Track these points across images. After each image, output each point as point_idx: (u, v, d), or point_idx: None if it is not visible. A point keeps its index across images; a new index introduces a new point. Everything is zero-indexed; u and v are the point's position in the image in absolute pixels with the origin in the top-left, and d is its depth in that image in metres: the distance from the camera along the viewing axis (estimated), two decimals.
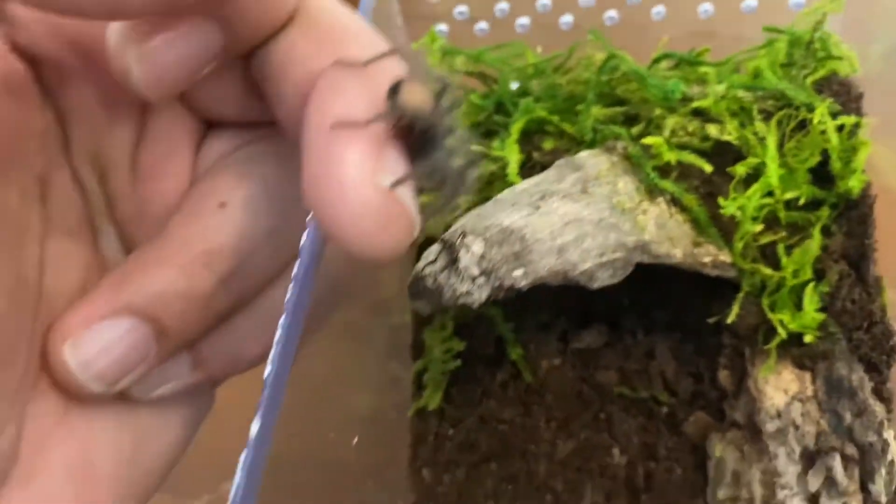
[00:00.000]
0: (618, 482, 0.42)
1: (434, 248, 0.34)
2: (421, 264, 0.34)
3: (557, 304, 0.48)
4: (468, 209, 0.36)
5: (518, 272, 0.32)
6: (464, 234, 0.32)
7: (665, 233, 0.39)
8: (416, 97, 0.26)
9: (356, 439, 0.40)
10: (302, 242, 0.22)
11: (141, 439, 0.22)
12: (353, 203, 0.17)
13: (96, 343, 0.19)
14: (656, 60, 0.46)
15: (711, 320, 0.42)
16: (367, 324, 0.44)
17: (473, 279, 0.32)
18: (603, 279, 0.35)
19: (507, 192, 0.37)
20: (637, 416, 0.44)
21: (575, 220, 0.36)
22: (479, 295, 0.32)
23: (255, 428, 0.25)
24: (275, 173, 0.21)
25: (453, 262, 0.32)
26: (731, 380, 0.43)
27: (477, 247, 0.32)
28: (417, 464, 0.44)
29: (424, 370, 0.44)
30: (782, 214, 0.41)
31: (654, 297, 0.47)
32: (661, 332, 0.46)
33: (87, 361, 0.19)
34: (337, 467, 0.41)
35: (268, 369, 0.27)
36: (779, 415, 0.39)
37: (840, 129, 0.40)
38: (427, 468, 0.44)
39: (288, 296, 0.26)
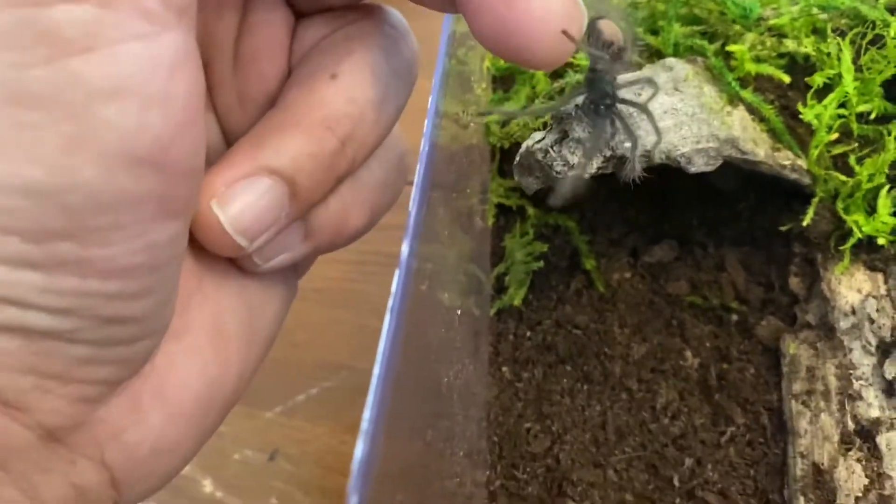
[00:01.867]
0: (691, 382, 0.44)
1: (540, 132, 0.36)
2: (530, 142, 0.35)
3: (628, 221, 0.49)
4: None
5: (629, 143, 0.33)
6: (577, 106, 0.34)
7: (748, 134, 0.41)
8: (610, 31, 0.29)
9: (442, 330, 0.41)
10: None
11: (254, 309, 0.24)
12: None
13: (240, 200, 0.21)
14: None
15: (784, 227, 0.44)
16: (450, 229, 0.46)
17: (586, 150, 0.33)
18: (699, 164, 0.37)
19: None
20: (708, 324, 0.46)
21: (672, 109, 0.38)
22: (591, 166, 0.34)
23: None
24: (372, 48, 0.23)
25: (565, 134, 0.34)
26: (803, 285, 0.44)
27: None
28: (498, 361, 0.45)
29: (505, 273, 0.46)
30: (855, 126, 0.43)
31: (723, 216, 0.48)
32: (731, 246, 0.47)
33: (234, 217, 0.21)
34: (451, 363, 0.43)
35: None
36: (853, 311, 0.41)
37: None
38: (507, 365, 0.45)
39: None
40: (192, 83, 0.18)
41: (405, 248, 0.27)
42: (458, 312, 0.38)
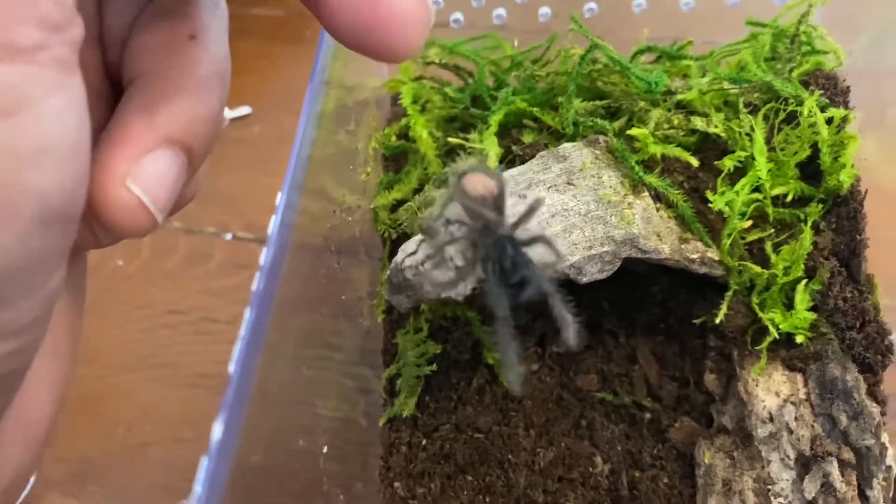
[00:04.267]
0: (601, 492, 0.40)
1: (414, 240, 0.32)
2: (400, 256, 0.31)
3: (535, 308, 0.45)
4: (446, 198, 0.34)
5: (506, 263, 0.29)
6: (447, 222, 0.30)
7: (652, 228, 0.37)
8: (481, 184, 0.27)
9: (325, 449, 0.37)
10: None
11: (72, 319, 0.23)
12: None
13: (150, 175, 0.20)
14: (637, 53, 0.45)
15: (698, 321, 0.41)
16: (335, 328, 0.41)
17: (458, 269, 0.29)
18: (591, 273, 0.33)
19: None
20: (619, 423, 0.42)
21: (562, 210, 0.34)
22: (465, 287, 0.30)
23: (217, 431, 0.23)
24: (204, 2, 0.23)
25: (438, 252, 0.30)
26: (719, 383, 0.41)
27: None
28: (390, 476, 0.41)
29: (397, 375, 0.41)
30: (770, 211, 0.40)
31: (635, 299, 0.45)
32: (643, 335, 0.44)
33: (147, 192, 0.20)
34: (306, 477, 0.38)
35: (232, 367, 0.25)
36: (771, 418, 0.37)
37: (829, 122, 0.39)
38: (399, 480, 0.41)
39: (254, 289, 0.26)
40: (87, 125, 0.17)
41: (245, 329, 0.23)
42: (319, 410, 0.33)
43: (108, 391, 0.56)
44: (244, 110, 0.72)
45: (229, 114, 0.71)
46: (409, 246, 0.31)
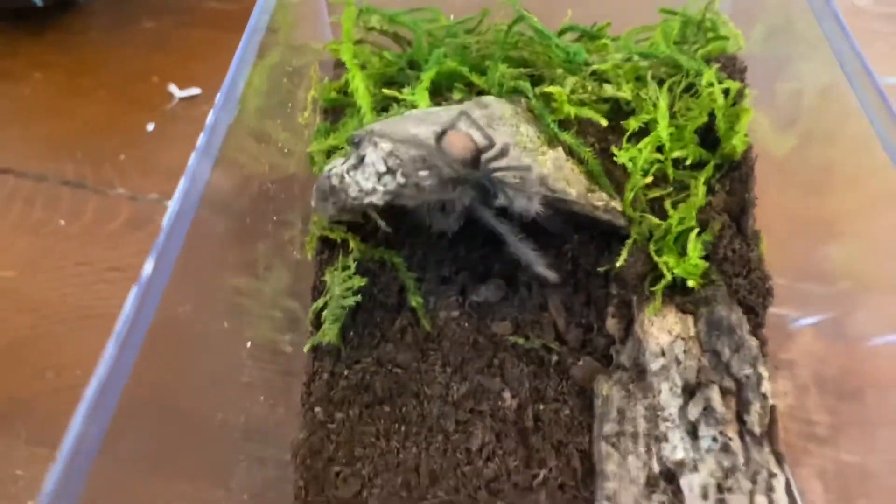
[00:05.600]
0: (508, 423, 0.43)
1: (341, 158, 0.35)
2: (328, 166, 0.34)
3: (459, 260, 0.49)
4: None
5: (424, 172, 0.33)
6: (371, 132, 0.33)
7: (562, 174, 0.41)
8: (460, 143, 0.31)
9: (246, 375, 0.39)
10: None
11: None
12: None
13: None
14: (562, 32, 0.49)
15: (601, 269, 0.44)
16: (268, 262, 0.44)
17: (380, 176, 0.33)
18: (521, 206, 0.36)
19: (416, 111, 0.38)
20: (529, 364, 0.45)
21: None
22: (385, 193, 0.33)
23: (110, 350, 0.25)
24: None
25: (361, 160, 0.33)
26: (619, 327, 0.44)
27: (385, 144, 0.33)
28: (311, 401, 0.43)
29: (324, 308, 0.44)
30: (671, 171, 0.44)
31: (549, 256, 0.48)
32: (554, 287, 0.47)
33: None
34: (230, 400, 0.40)
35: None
36: (663, 353, 0.41)
37: (726, 93, 0.44)
38: (320, 406, 0.43)
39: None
40: None
41: (148, 267, 0.25)
42: (248, 345, 0.36)
43: (40, 339, 0.57)
44: (194, 91, 0.74)
45: (180, 93, 0.74)
46: (336, 160, 0.34)
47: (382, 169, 0.32)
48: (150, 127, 0.71)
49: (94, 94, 0.75)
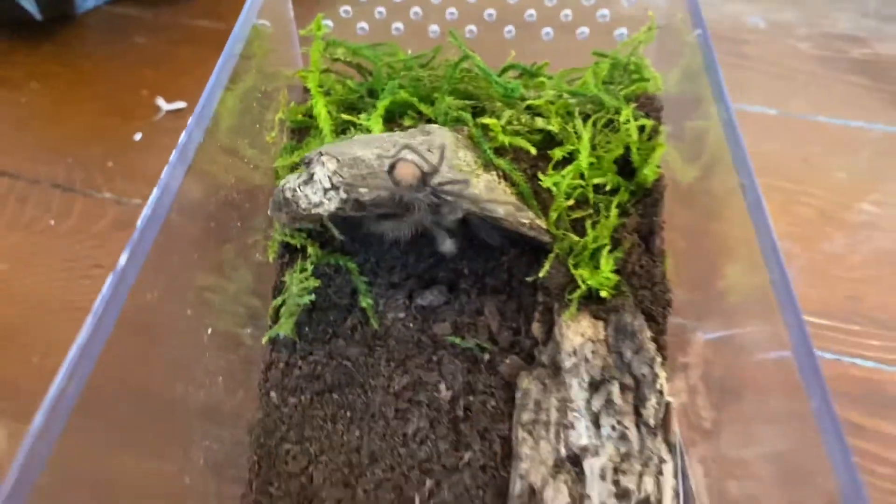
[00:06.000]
0: (441, 412, 0.49)
1: (295, 174, 0.41)
2: (282, 182, 0.40)
3: (408, 268, 0.55)
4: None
5: (364, 189, 0.39)
6: (320, 154, 0.39)
7: (493, 195, 0.47)
8: (407, 172, 0.37)
9: (208, 361, 0.45)
10: None
11: None
12: None
13: None
14: (505, 70, 0.55)
15: (530, 279, 0.51)
16: (234, 263, 0.49)
17: (326, 191, 0.38)
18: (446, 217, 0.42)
19: (364, 136, 0.44)
20: (464, 361, 0.51)
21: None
22: (330, 205, 0.39)
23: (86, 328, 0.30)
24: None
25: (311, 177, 0.39)
26: (542, 330, 0.50)
27: (331, 164, 0.39)
28: (267, 386, 0.49)
29: (282, 304, 0.50)
30: (591, 196, 0.50)
31: (488, 267, 0.54)
32: (491, 294, 0.53)
33: None
34: (191, 384, 0.46)
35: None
36: (575, 353, 0.47)
37: (641, 129, 0.50)
38: (275, 391, 0.49)
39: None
40: None
41: (123, 258, 0.31)
42: (209, 331, 0.41)
43: (26, 327, 0.62)
44: (180, 104, 0.80)
45: (167, 106, 0.80)
46: (290, 176, 0.40)
47: (328, 185, 0.38)
48: (138, 136, 0.77)
49: (87, 105, 0.81)
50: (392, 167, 0.39)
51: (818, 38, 0.91)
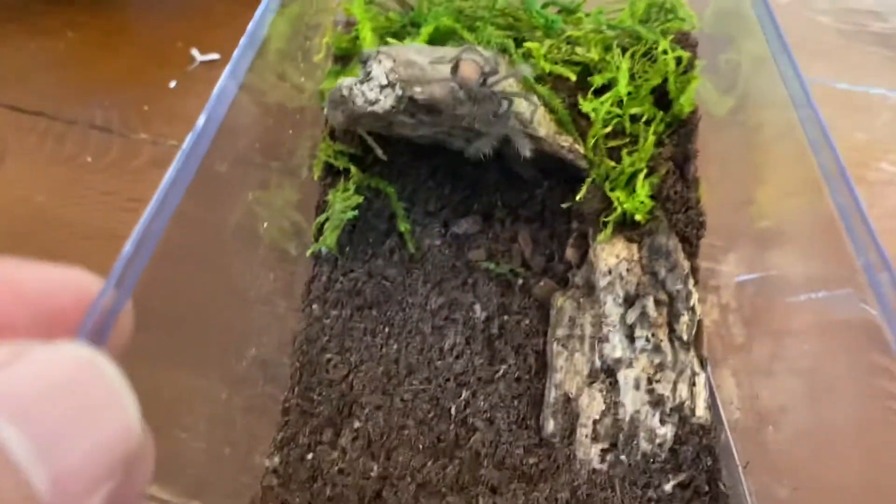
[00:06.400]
0: (476, 330, 0.50)
1: (352, 77, 0.42)
2: (339, 82, 0.42)
3: (443, 198, 0.56)
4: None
5: (418, 88, 0.40)
6: (378, 52, 0.40)
7: (535, 117, 0.48)
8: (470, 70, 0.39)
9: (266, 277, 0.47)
10: None
11: None
12: None
13: None
14: (543, 6, 0.57)
15: (565, 205, 0.52)
16: (279, 181, 0.51)
17: (382, 88, 0.40)
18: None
19: (416, 44, 0.46)
20: (498, 285, 0.52)
21: None
22: (385, 103, 0.40)
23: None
24: None
25: (367, 74, 0.40)
26: (576, 255, 0.52)
27: (388, 62, 0.40)
28: (309, 298, 0.51)
29: (325, 221, 0.51)
30: (628, 125, 0.51)
31: (522, 199, 0.56)
32: (524, 223, 0.55)
33: None
34: (237, 291, 0.47)
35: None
36: (609, 272, 0.48)
37: (678, 61, 0.51)
38: (317, 303, 0.51)
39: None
40: None
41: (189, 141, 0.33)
42: (265, 225, 0.43)
43: (65, 254, 0.63)
44: (214, 56, 0.82)
45: (201, 57, 0.81)
46: (347, 79, 0.42)
47: (384, 82, 0.40)
48: (173, 84, 0.79)
49: (123, 52, 0.82)
50: (455, 67, 0.40)
51: (839, 13, 0.92)
